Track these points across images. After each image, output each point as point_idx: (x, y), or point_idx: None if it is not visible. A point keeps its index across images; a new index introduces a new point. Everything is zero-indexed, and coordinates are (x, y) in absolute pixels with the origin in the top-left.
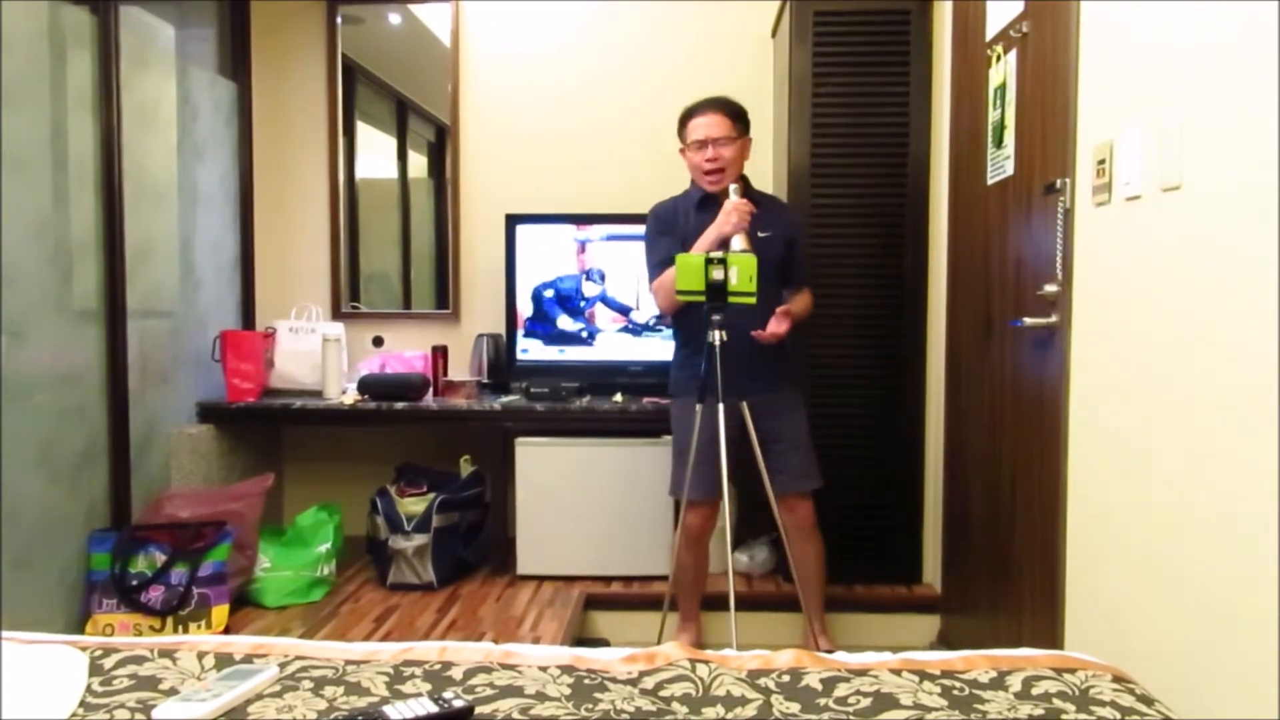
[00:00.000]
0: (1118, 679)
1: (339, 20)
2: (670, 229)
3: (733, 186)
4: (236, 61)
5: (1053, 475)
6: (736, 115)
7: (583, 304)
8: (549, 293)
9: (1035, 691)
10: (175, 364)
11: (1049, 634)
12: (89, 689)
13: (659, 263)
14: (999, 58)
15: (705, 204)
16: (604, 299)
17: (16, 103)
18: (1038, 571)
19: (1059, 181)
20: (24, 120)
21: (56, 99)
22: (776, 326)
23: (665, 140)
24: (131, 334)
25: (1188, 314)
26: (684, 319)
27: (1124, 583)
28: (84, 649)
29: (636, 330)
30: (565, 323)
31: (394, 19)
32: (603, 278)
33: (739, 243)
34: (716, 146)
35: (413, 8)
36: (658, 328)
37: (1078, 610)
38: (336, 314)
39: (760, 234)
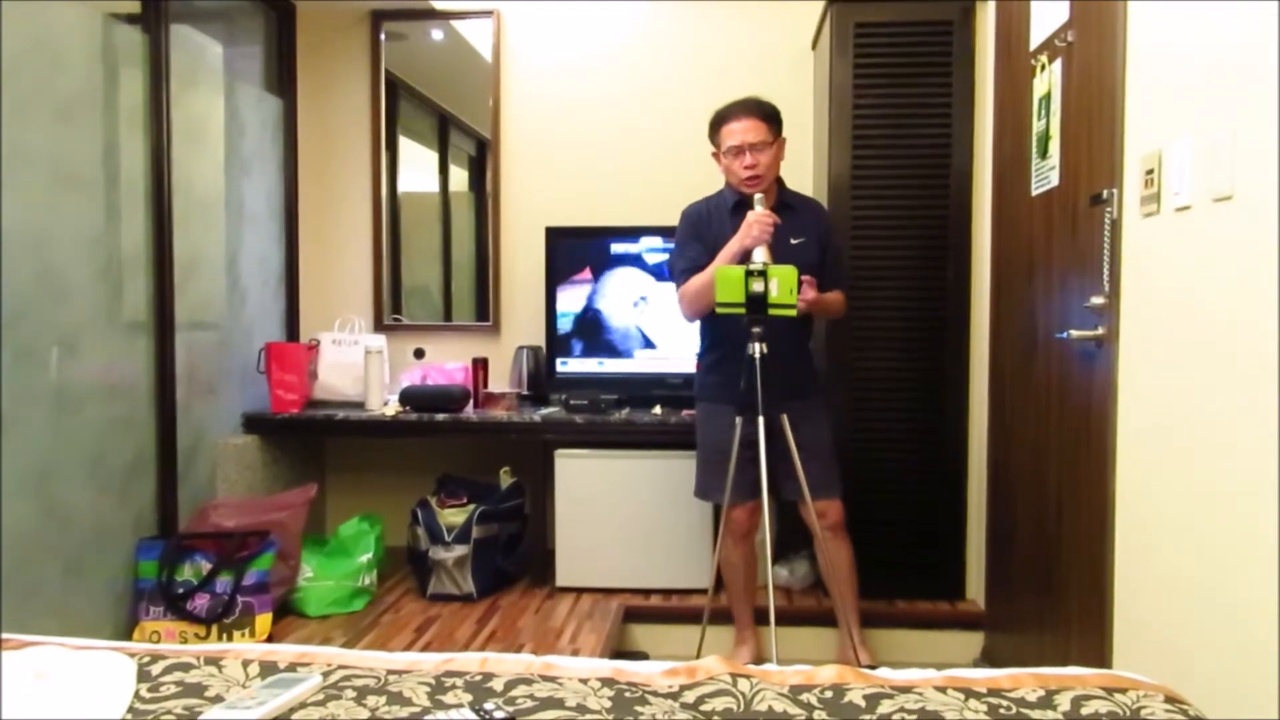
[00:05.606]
0: (1170, 699)
1: (383, 37)
2: (701, 234)
3: (758, 197)
4: (283, 78)
5: (1100, 490)
6: (770, 117)
7: (624, 324)
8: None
9: (1085, 711)
10: (221, 375)
11: (1097, 652)
12: (137, 695)
13: (686, 268)
14: (1043, 67)
15: (740, 208)
16: (640, 331)
17: (71, 120)
18: (1086, 588)
19: (1106, 192)
20: (78, 137)
21: (109, 117)
22: (807, 294)
23: (705, 152)
24: (179, 346)
25: (1240, 326)
26: (713, 323)
27: (1175, 600)
28: (132, 655)
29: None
30: (605, 335)
31: (436, 35)
32: (645, 301)
33: (760, 255)
34: (754, 153)
35: (455, 23)
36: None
37: (1127, 628)
38: (379, 326)
39: (793, 240)
